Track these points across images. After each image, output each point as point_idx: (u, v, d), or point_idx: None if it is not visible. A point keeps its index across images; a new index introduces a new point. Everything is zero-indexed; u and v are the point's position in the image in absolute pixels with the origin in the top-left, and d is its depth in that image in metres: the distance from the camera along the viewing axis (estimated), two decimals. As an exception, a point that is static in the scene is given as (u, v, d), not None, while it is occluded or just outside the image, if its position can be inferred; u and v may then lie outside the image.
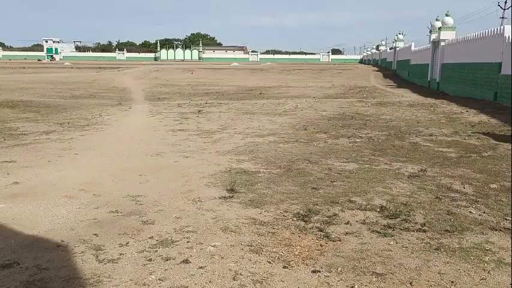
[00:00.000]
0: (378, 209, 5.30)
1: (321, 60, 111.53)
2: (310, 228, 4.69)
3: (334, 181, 6.60)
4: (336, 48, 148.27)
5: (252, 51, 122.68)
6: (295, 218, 4.99)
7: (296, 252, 4.08)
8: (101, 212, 5.22)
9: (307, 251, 4.11)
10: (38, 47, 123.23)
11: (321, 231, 4.60)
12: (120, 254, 4.02)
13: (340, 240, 4.38)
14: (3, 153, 8.40)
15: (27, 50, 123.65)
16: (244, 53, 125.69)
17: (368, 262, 3.92)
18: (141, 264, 3.82)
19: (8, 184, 6.31)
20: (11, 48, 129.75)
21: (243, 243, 4.29)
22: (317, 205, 5.46)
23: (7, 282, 3.48)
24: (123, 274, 3.64)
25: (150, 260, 3.92)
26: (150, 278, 3.57)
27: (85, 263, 3.84)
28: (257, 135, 10.80)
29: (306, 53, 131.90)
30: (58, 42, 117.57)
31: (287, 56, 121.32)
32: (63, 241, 4.31)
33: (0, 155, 8.21)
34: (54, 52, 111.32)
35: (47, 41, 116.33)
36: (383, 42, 76.79)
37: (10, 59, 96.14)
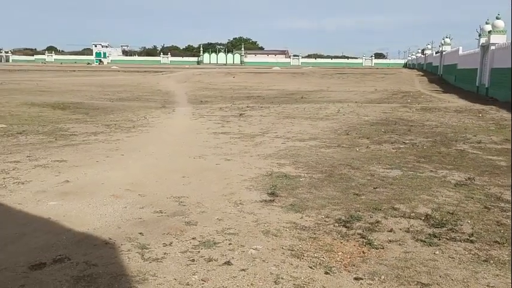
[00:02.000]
0: (423, 218, 5.17)
1: (363, 65, 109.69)
2: (352, 235, 4.64)
3: (376, 187, 6.49)
4: (379, 52, 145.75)
5: (294, 55, 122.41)
6: (336, 224, 4.95)
7: (338, 258, 4.05)
8: (145, 211, 5.38)
9: (349, 258, 4.07)
10: (87, 51, 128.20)
11: (363, 238, 4.54)
12: (164, 254, 4.13)
13: (383, 248, 4.31)
14: (55, 152, 8.80)
15: (77, 54, 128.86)
16: (285, 57, 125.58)
17: (412, 271, 3.83)
18: (185, 264, 3.91)
19: (60, 182, 6.60)
20: (62, 52, 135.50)
21: (284, 247, 4.30)
22: (359, 211, 5.39)
23: (59, 276, 3.65)
24: (167, 273, 3.74)
25: (193, 260, 4.00)
26: (193, 278, 3.65)
27: (131, 261, 3.97)
28: (298, 140, 10.77)
29: (348, 57, 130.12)
30: (106, 46, 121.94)
31: (329, 60, 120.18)
32: (110, 239, 4.47)
33: (52, 154, 8.60)
34: (102, 56, 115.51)
35: (96, 46, 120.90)
36: (429, 46, 74.66)
37: (62, 63, 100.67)
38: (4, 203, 5.56)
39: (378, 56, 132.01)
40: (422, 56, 79.93)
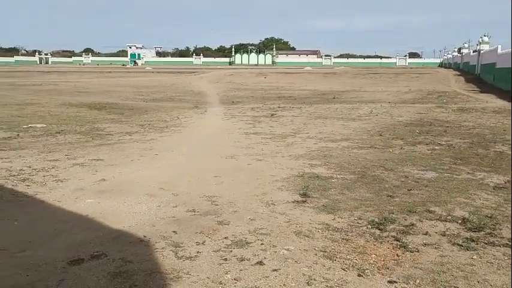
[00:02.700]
0: (460, 221, 5.04)
1: (397, 64, 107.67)
2: (386, 237, 4.57)
3: (411, 189, 6.36)
4: (414, 51, 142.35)
5: (326, 55, 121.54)
6: (369, 226, 4.89)
7: (371, 261, 4.00)
8: (179, 210, 5.46)
9: (383, 260, 4.01)
10: (122, 53, 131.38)
11: (397, 240, 4.46)
12: (198, 252, 4.18)
13: (418, 251, 4.22)
14: (92, 151, 9.06)
15: (113, 56, 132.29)
16: (317, 57, 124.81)
17: (449, 276, 3.74)
18: (217, 263, 3.95)
19: (96, 181, 6.79)
20: (98, 54, 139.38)
21: (316, 248, 4.28)
22: (393, 213, 5.30)
23: (96, 272, 3.76)
24: (201, 272, 3.79)
25: (226, 259, 4.03)
26: (225, 277, 3.68)
27: (165, 259, 4.04)
28: (330, 140, 10.69)
29: (381, 57, 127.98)
30: (141, 48, 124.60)
31: (361, 60, 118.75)
32: (145, 236, 4.56)
33: (89, 153, 8.86)
34: (137, 57, 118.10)
35: (130, 47, 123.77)
36: (466, 45, 72.54)
37: (98, 64, 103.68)
38: (44, 200, 5.77)
39: (412, 55, 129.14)
40: (458, 55, 77.78)
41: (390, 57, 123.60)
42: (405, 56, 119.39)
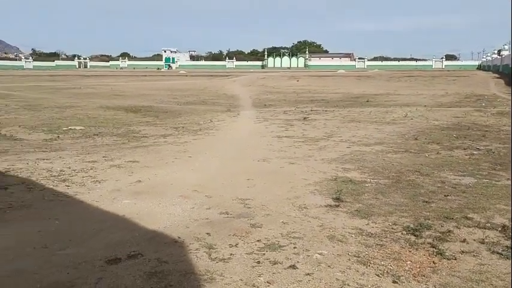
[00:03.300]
0: (500, 229, 4.87)
1: (433, 67, 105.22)
2: (422, 244, 4.47)
3: (448, 195, 6.20)
4: (451, 53, 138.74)
5: (359, 58, 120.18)
6: (404, 232, 4.80)
7: (406, 268, 3.93)
8: (212, 212, 5.53)
9: (419, 267, 3.93)
10: (157, 57, 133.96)
11: (434, 247, 4.36)
12: (231, 254, 4.22)
13: (455, 259, 4.11)
14: (128, 153, 9.29)
15: (148, 60, 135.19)
16: (350, 60, 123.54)
17: (488, 285, 3.63)
18: (250, 266, 3.97)
19: (132, 182, 6.96)
20: (134, 58, 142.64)
21: (350, 253, 4.24)
22: (429, 219, 5.19)
23: (133, 271, 3.86)
24: (234, 274, 3.82)
25: (259, 262, 4.05)
26: (258, 280, 3.70)
27: (199, 260, 4.10)
28: (364, 144, 10.56)
29: (416, 59, 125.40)
30: (175, 52, 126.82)
31: (396, 63, 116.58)
32: (179, 237, 4.64)
33: (125, 155, 9.09)
34: (171, 61, 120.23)
35: (165, 51, 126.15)
36: (506, 47, 70.09)
37: (134, 68, 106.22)
38: (83, 200, 5.96)
39: (449, 57, 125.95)
40: (498, 57, 75.25)
41: (426, 60, 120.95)
42: (442, 58, 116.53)
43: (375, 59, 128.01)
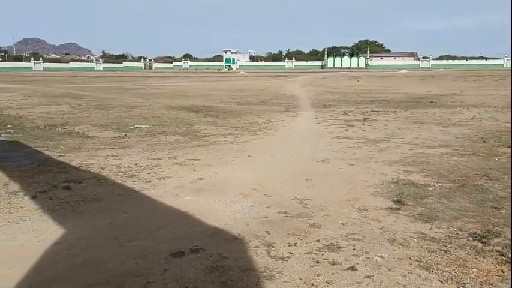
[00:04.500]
0: None
1: (504, 66, 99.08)
2: (489, 251, 4.28)
3: (520, 202, 5.86)
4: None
5: (423, 57, 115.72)
6: (471, 238, 4.61)
7: (472, 275, 3.78)
8: (271, 211, 5.60)
9: (486, 276, 3.77)
10: (218, 58, 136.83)
11: (503, 255, 4.16)
12: (290, 253, 4.28)
13: (526, 269, 3.90)
14: (190, 152, 9.60)
15: (209, 61, 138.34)
16: (414, 59, 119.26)
17: None
18: (309, 265, 4.00)
19: (194, 179, 7.20)
20: (196, 59, 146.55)
21: (411, 257, 4.15)
22: (498, 226, 4.94)
23: (195, 264, 4.02)
24: (292, 272, 3.87)
25: (317, 262, 4.07)
26: (317, 280, 3.72)
27: (258, 257, 4.19)
28: (427, 146, 10.19)
29: (486, 58, 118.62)
30: (235, 53, 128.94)
31: (463, 62, 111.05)
32: (239, 234, 4.76)
33: (188, 153, 9.40)
34: (231, 62, 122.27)
35: (226, 52, 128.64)
36: None
37: (196, 69, 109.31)
38: (149, 196, 6.26)
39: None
40: None
41: (497, 58, 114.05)
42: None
43: (440, 58, 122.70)
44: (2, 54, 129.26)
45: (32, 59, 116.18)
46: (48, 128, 13.17)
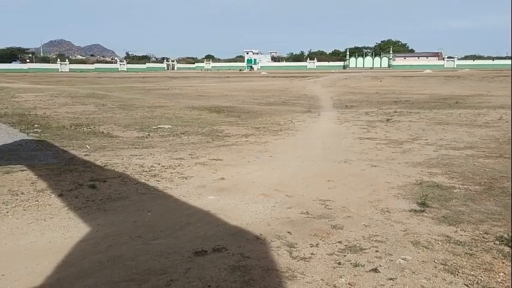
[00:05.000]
0: None
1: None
2: (517, 256, 4.18)
3: (548, 205, 5.71)
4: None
5: (448, 57, 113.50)
6: (497, 242, 4.52)
7: (499, 279, 3.71)
8: (293, 212, 5.60)
9: (513, 280, 3.69)
10: (239, 59, 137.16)
11: (531, 260, 4.07)
12: (311, 254, 4.27)
13: (556, 274, 3.80)
14: (212, 152, 9.67)
15: (231, 61, 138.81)
16: (438, 60, 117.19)
17: None
18: (331, 267, 3.99)
19: (216, 179, 7.26)
20: (218, 60, 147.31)
21: (436, 260, 4.09)
22: (526, 230, 4.82)
23: (218, 264, 4.05)
24: (315, 273, 3.86)
25: (339, 263, 4.06)
26: (340, 281, 3.71)
27: (280, 257, 4.20)
28: (452, 148, 10.02)
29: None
30: (257, 53, 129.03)
31: (489, 62, 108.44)
32: (261, 234, 4.78)
33: (210, 153, 9.47)
34: (253, 63, 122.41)
35: (247, 53, 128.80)
36: None
37: (218, 70, 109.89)
38: (172, 195, 6.34)
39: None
40: None
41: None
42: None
43: (466, 57, 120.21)
44: (30, 55, 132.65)
45: (59, 60, 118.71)
46: (74, 127, 13.45)
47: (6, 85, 38.41)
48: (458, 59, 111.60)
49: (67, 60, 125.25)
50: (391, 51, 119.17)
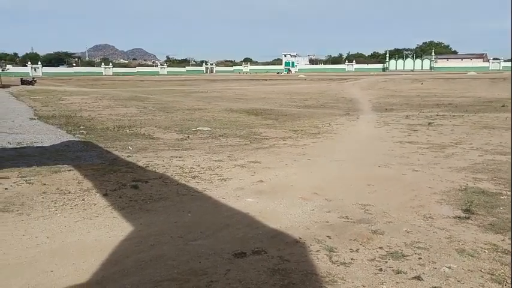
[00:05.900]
0: None
1: None
2: None
3: None
4: None
5: (493, 59, 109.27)
6: (549, 252, 4.31)
7: (551, 292, 3.54)
8: (332, 216, 5.55)
9: None
10: (277, 61, 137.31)
11: None
12: (352, 259, 4.22)
13: None
14: (250, 154, 9.72)
15: (269, 64, 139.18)
16: (483, 61, 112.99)
17: None
18: (372, 273, 3.92)
19: (255, 182, 7.29)
20: (256, 63, 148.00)
21: (482, 269, 3.95)
22: None
23: (257, 266, 4.07)
24: (355, 279, 3.81)
25: (381, 269, 3.98)
26: (381, 288, 3.65)
27: (320, 262, 4.17)
28: (499, 153, 9.64)
29: None
30: (295, 56, 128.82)
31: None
32: (300, 238, 4.76)
33: (248, 156, 9.53)
34: (291, 65, 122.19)
35: (285, 56, 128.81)
36: None
37: (256, 73, 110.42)
38: (211, 196, 6.42)
39: None
40: None
41: None
42: None
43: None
44: (76, 59, 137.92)
45: (103, 64, 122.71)
46: (117, 129, 13.87)
47: (53, 88, 40.12)
48: (504, 61, 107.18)
49: (110, 64, 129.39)
50: (433, 53, 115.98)
